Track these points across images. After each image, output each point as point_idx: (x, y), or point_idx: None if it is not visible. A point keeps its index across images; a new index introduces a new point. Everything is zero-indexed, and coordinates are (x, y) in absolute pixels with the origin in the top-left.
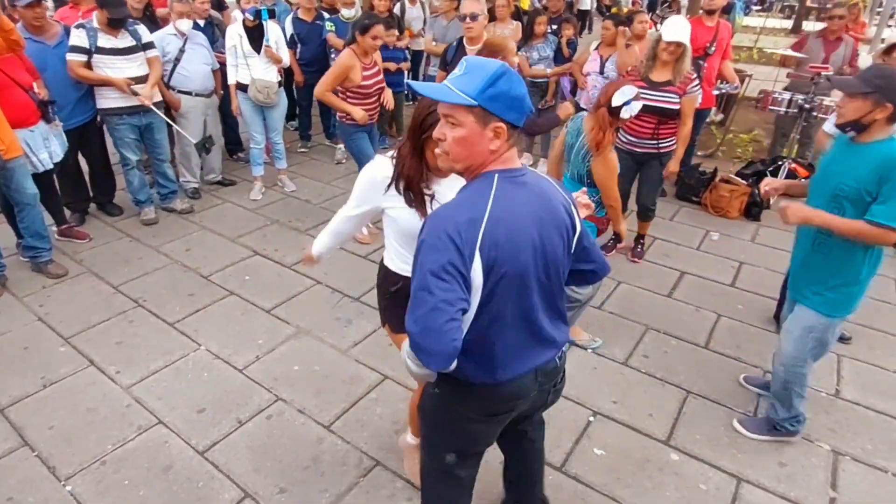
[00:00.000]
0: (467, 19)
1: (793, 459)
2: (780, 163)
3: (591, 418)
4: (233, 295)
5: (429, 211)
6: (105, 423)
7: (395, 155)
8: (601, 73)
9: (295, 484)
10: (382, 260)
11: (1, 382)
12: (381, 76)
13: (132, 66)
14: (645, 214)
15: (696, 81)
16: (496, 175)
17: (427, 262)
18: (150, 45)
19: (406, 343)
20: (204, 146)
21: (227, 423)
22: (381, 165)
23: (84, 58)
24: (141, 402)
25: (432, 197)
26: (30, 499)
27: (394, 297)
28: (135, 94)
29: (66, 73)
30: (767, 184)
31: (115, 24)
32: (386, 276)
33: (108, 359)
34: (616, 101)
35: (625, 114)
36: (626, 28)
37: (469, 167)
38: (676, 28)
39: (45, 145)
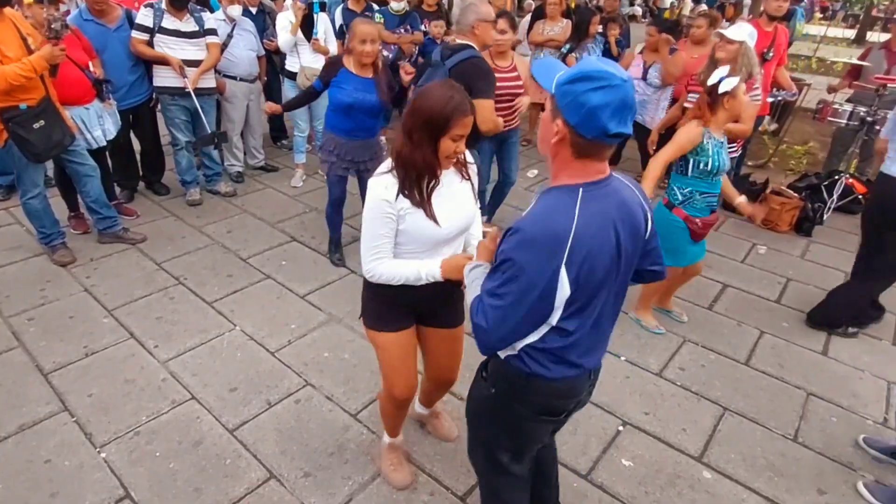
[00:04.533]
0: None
1: (833, 488)
2: (836, 177)
3: (621, 428)
4: (269, 279)
5: (433, 209)
6: (141, 394)
7: (392, 160)
8: (644, 79)
9: (319, 469)
10: None
11: (46, 349)
12: (519, 80)
13: (191, 50)
14: None
15: (758, 88)
16: (580, 190)
17: (513, 281)
18: (212, 32)
19: (469, 301)
20: (213, 140)
21: (257, 403)
22: (383, 182)
23: (146, 36)
24: (176, 376)
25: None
26: (66, 462)
27: (375, 297)
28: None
29: (125, 55)
30: None
31: (177, 5)
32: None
33: (147, 333)
34: (712, 80)
35: (724, 87)
36: (670, 36)
37: (547, 157)
38: (735, 29)
39: (99, 123)
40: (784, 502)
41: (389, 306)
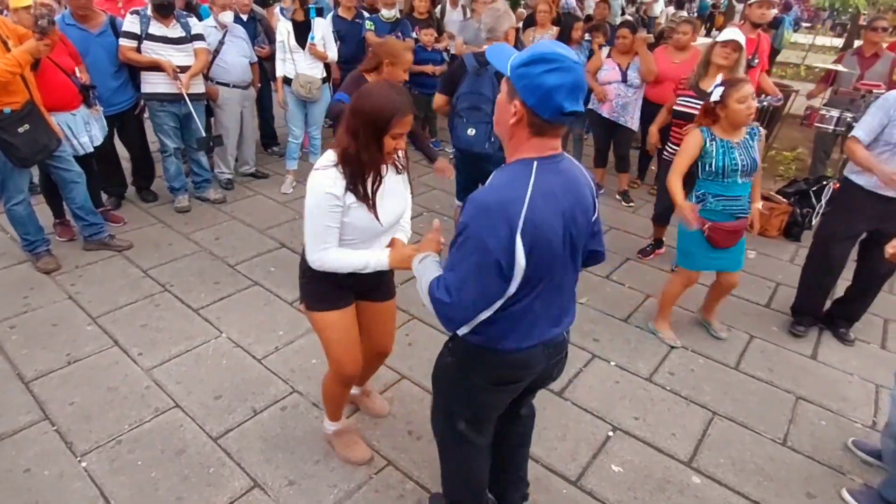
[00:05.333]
0: None
1: (822, 491)
2: (824, 182)
3: (611, 433)
4: (257, 285)
5: (377, 206)
6: (124, 402)
7: (338, 159)
8: (624, 81)
9: (304, 477)
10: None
11: (28, 356)
12: None
13: (179, 56)
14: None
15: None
16: (535, 163)
17: (470, 249)
18: (199, 37)
19: (425, 286)
20: (208, 144)
21: (242, 411)
22: (330, 175)
23: (134, 43)
24: (160, 384)
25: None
26: (46, 472)
27: (316, 279)
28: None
29: (107, 61)
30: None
31: (161, 11)
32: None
33: (131, 340)
34: (710, 89)
35: (714, 97)
36: (650, 35)
37: (503, 138)
38: (733, 33)
39: (86, 129)
40: None
41: (331, 286)
